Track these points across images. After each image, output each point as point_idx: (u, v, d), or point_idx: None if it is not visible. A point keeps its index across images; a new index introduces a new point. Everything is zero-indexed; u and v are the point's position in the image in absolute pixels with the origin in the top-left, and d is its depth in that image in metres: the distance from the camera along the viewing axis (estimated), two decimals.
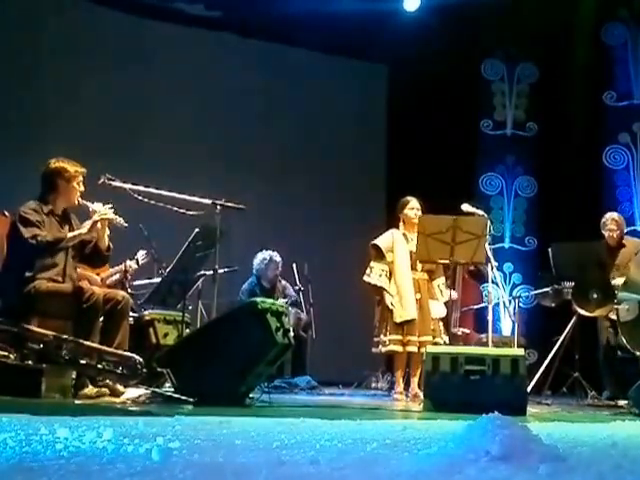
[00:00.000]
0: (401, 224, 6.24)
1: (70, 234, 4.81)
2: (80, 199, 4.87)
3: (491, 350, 5.38)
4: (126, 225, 4.91)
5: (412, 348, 5.93)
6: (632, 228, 8.25)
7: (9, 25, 8.24)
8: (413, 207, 6.21)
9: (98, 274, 6.03)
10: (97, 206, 4.82)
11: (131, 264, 6.16)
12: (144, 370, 4.56)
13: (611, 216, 6.72)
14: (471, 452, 1.99)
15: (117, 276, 6.15)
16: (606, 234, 6.64)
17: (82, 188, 4.88)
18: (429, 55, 9.03)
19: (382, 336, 6.03)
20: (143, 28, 9.08)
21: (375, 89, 10.33)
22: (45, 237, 4.64)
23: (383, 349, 6.03)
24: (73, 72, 8.53)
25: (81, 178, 4.87)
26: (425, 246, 5.68)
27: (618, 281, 6.02)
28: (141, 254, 6.23)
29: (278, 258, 7.69)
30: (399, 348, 5.95)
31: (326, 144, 9.79)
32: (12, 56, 8.21)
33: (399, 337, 5.94)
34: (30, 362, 4.37)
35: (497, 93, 9.52)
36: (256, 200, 7.37)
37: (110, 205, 4.84)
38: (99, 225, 4.78)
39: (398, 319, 5.94)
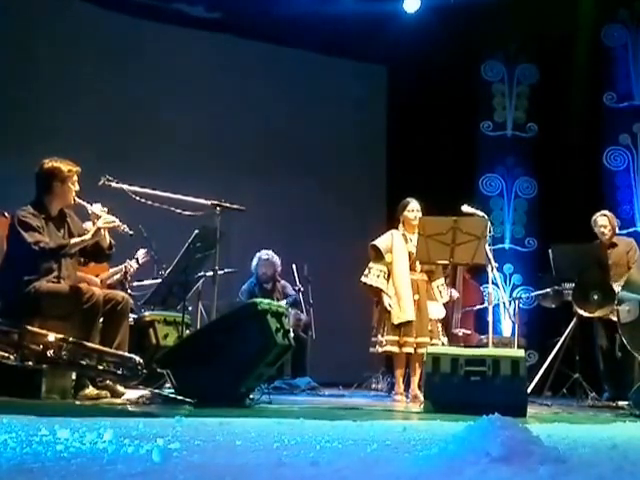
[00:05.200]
0: (401, 225, 6.25)
1: (73, 240, 4.78)
2: (76, 198, 4.84)
3: (491, 351, 5.37)
4: (132, 233, 4.90)
5: (408, 349, 5.94)
6: (633, 229, 8.26)
7: (8, 26, 8.23)
8: (412, 209, 6.21)
9: (97, 275, 6.03)
10: (97, 208, 4.80)
11: (131, 264, 6.15)
12: (144, 371, 4.56)
13: (601, 213, 6.70)
14: (471, 453, 1.99)
15: (117, 276, 6.14)
16: (598, 231, 6.62)
17: (77, 187, 4.85)
18: (429, 56, 9.04)
19: (379, 336, 6.05)
20: (143, 29, 9.08)
21: (375, 90, 10.33)
22: (48, 244, 4.63)
23: (380, 349, 6.05)
24: (73, 73, 8.52)
25: (76, 177, 4.83)
26: (425, 247, 5.69)
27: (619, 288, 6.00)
28: (141, 253, 6.23)
29: (268, 256, 7.62)
30: (395, 349, 5.96)
31: (326, 145, 9.79)
32: (11, 57, 8.21)
33: (396, 338, 5.94)
34: (30, 363, 4.36)
35: (497, 94, 9.51)
36: (256, 201, 7.37)
37: (106, 209, 4.81)
38: (102, 232, 4.77)
39: (396, 320, 5.95)
